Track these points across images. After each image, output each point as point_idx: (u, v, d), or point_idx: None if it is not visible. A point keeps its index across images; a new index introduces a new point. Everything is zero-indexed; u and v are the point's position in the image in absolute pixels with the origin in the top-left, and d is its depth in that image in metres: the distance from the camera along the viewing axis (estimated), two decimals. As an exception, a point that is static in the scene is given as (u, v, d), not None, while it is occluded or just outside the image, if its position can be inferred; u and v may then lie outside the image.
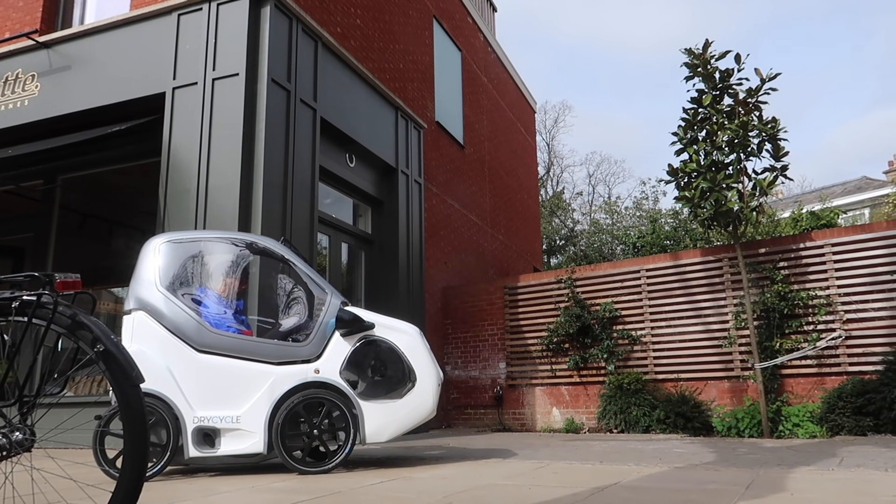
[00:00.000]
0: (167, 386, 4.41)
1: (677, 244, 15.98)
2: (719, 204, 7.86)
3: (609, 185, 41.36)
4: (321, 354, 4.49)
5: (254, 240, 4.87)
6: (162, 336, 4.51)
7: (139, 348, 4.49)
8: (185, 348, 4.48)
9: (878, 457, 4.70)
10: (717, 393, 8.46)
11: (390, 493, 3.39)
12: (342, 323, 4.51)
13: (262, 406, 4.38)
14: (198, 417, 4.38)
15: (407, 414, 4.47)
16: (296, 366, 4.47)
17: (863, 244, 7.94)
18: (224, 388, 4.43)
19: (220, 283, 4.79)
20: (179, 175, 6.73)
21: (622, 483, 3.57)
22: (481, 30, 14.55)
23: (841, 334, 7.78)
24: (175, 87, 6.98)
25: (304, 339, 4.57)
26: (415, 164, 9.99)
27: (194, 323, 4.51)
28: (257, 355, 4.49)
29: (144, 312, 4.57)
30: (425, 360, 4.54)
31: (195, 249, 4.84)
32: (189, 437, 4.36)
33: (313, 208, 7.32)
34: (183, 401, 4.40)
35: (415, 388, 4.47)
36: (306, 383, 4.43)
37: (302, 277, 4.73)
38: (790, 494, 3.12)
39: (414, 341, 4.57)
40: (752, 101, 7.95)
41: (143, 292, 4.63)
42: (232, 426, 4.38)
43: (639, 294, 9.23)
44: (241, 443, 4.37)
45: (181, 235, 4.92)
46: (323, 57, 7.83)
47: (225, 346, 4.50)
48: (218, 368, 4.46)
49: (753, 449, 5.66)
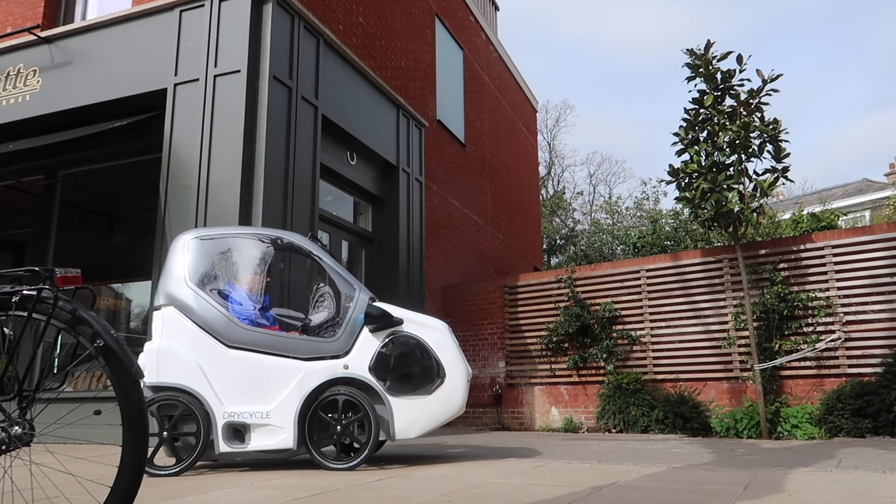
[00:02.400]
0: (197, 381, 4.43)
1: (678, 245, 15.97)
2: (720, 205, 7.86)
3: (610, 184, 41.37)
4: (350, 350, 4.48)
5: (282, 235, 4.84)
6: (191, 331, 4.52)
7: (169, 344, 4.51)
8: (215, 343, 4.49)
9: (877, 458, 4.70)
10: (715, 393, 8.46)
11: (388, 492, 3.40)
12: (371, 319, 4.49)
13: (291, 402, 4.37)
14: (228, 413, 4.39)
15: (436, 410, 4.45)
16: (325, 361, 4.46)
17: (863, 246, 7.94)
18: (253, 384, 4.43)
19: (248, 278, 4.76)
20: (180, 171, 6.73)
21: (620, 483, 3.58)
22: (483, 28, 14.54)
23: (840, 336, 7.79)
24: (176, 84, 6.97)
25: (333, 335, 4.55)
26: (416, 163, 9.98)
27: (223, 318, 4.52)
28: (287, 351, 4.49)
29: (174, 308, 4.59)
30: (454, 355, 4.52)
31: (224, 245, 4.83)
32: (219, 432, 4.37)
33: (314, 206, 7.32)
34: (213, 396, 4.41)
35: (444, 384, 4.45)
36: (335, 379, 4.43)
37: (330, 273, 4.70)
38: (788, 495, 3.12)
39: (442, 337, 4.55)
40: (753, 102, 7.95)
41: (173, 288, 4.65)
42: (262, 422, 4.38)
43: (638, 294, 9.23)
44: (270, 438, 4.37)
45: (210, 231, 4.92)
46: (325, 54, 7.83)
47: (254, 342, 4.49)
48: (247, 364, 4.46)
49: (752, 450, 5.66)
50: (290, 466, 4.63)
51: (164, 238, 6.62)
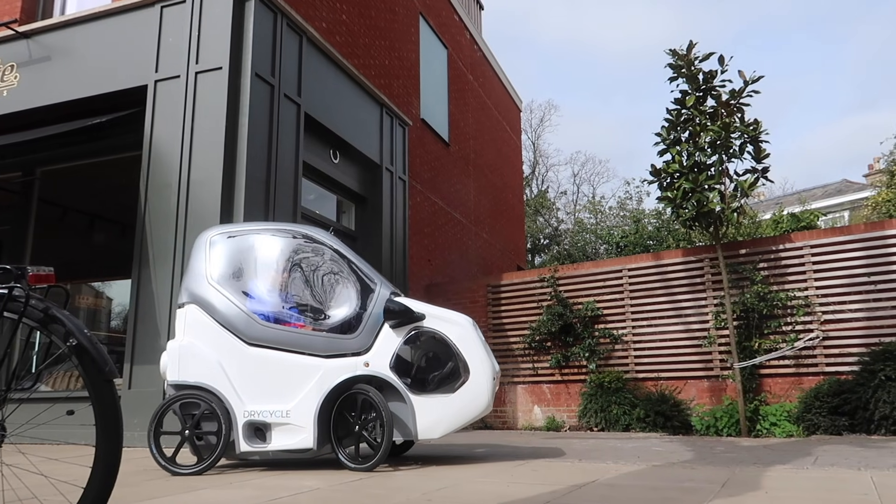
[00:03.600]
0: (218, 379, 4.38)
1: (660, 244, 16.09)
2: (701, 205, 7.92)
3: (593, 184, 41.55)
4: (371, 347, 4.39)
5: (303, 230, 4.76)
6: (213, 329, 4.48)
7: (191, 342, 4.47)
8: (236, 341, 4.44)
9: (852, 456, 4.76)
10: (696, 392, 8.53)
11: (369, 490, 3.39)
12: (391, 314, 4.38)
13: (311, 400, 4.29)
14: (248, 412, 4.33)
15: (460, 409, 4.30)
16: (345, 359, 4.38)
17: (841, 246, 8.04)
18: (274, 382, 4.36)
19: (269, 274, 4.66)
20: (161, 169, 6.67)
21: (600, 481, 3.60)
22: (468, 28, 14.55)
23: (818, 335, 7.88)
24: (157, 80, 6.91)
25: (354, 332, 4.43)
26: (399, 162, 9.97)
27: (244, 315, 4.46)
28: (306, 348, 4.41)
29: (196, 306, 4.55)
30: (479, 352, 4.36)
31: (245, 242, 4.75)
32: (240, 431, 4.31)
33: (296, 204, 7.29)
34: (234, 395, 4.35)
35: (468, 382, 4.29)
36: (356, 377, 4.33)
37: (351, 268, 4.59)
38: (765, 493, 3.15)
39: (466, 332, 4.39)
40: (734, 102, 8.02)
41: (195, 286, 4.61)
42: (282, 420, 4.31)
43: (620, 293, 9.28)
44: (291, 438, 4.30)
45: (232, 228, 4.86)
46: (308, 52, 7.79)
47: (274, 339, 4.43)
48: (267, 362, 4.40)
49: (731, 448, 5.72)
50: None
51: (144, 236, 6.56)
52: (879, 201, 15.99)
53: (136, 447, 5.93)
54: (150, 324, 6.31)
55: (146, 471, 4.33)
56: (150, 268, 6.45)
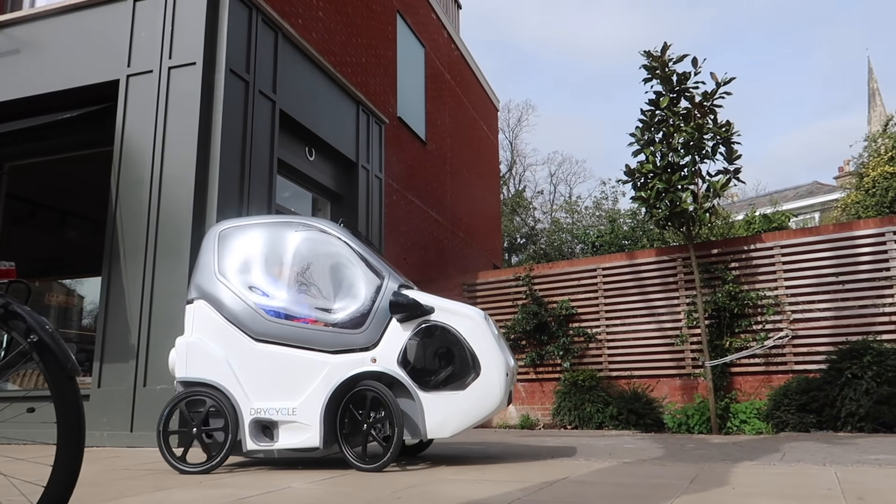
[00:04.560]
0: (225, 376, 4.29)
1: (635, 244, 16.23)
2: (674, 205, 8.02)
3: (570, 184, 41.80)
4: (378, 342, 4.23)
5: (311, 223, 4.63)
6: (220, 325, 4.39)
7: (199, 338, 4.40)
8: (243, 337, 4.35)
9: (819, 452, 4.86)
10: (668, 390, 8.63)
11: (339, 489, 3.38)
12: (397, 307, 4.20)
13: (317, 398, 4.17)
14: (254, 409, 4.23)
15: (471, 406, 4.10)
16: (352, 354, 4.23)
17: (810, 246, 8.19)
18: (280, 379, 4.26)
19: (276, 268, 4.56)
20: (133, 165, 6.58)
21: (571, 478, 3.62)
22: (445, 27, 14.55)
23: (787, 334, 8.02)
24: (129, 75, 6.81)
25: (361, 326, 4.27)
26: (375, 160, 9.94)
27: (250, 311, 4.37)
28: (312, 343, 4.28)
29: (204, 301, 4.47)
30: (491, 346, 4.16)
31: (253, 235, 4.64)
32: (246, 429, 4.21)
33: (271, 201, 7.23)
34: (241, 392, 4.25)
35: (479, 378, 4.09)
36: (363, 373, 4.18)
37: (360, 260, 4.43)
38: (732, 488, 3.20)
39: (477, 326, 4.19)
40: (707, 104, 8.13)
41: (203, 281, 4.53)
42: (288, 418, 4.19)
43: (595, 292, 9.36)
44: (297, 436, 4.19)
45: (239, 221, 4.76)
46: (283, 48, 7.74)
47: (280, 335, 4.32)
48: (273, 358, 4.29)
49: (701, 445, 5.80)
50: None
51: (115, 232, 6.47)
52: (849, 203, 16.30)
53: (105, 447, 5.85)
54: (120, 321, 6.22)
55: (114, 470, 4.27)
56: (121, 265, 6.36)
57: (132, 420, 5.90)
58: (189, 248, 6.12)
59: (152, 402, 5.87)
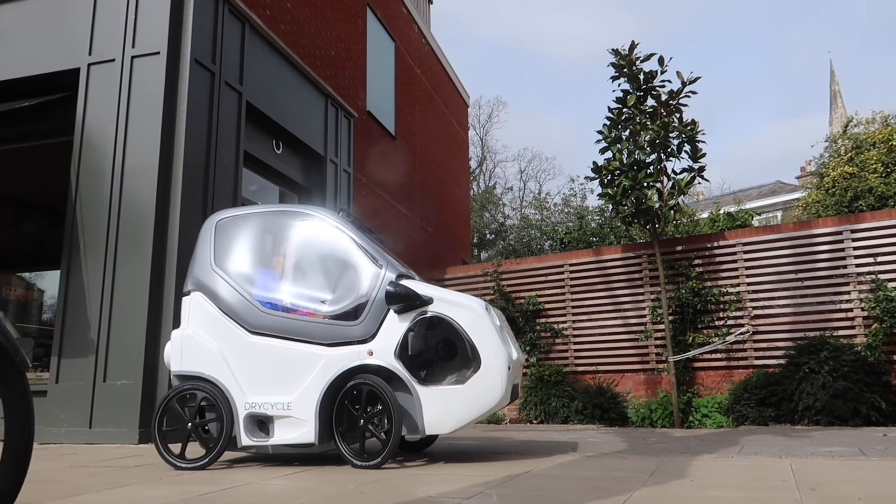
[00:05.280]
0: (220, 369, 4.19)
1: (603, 241, 16.40)
2: (640, 202, 8.12)
3: (540, 181, 42.03)
4: (375, 334, 4.06)
5: (309, 211, 4.50)
6: (216, 317, 4.29)
7: (194, 331, 4.30)
8: (238, 330, 4.24)
9: (776, 445, 4.97)
10: (633, 385, 8.75)
11: (302, 484, 3.36)
12: (393, 298, 4.03)
13: (312, 392, 4.03)
14: (249, 403, 4.11)
15: (471, 401, 3.92)
16: (348, 347, 4.07)
17: (771, 244, 8.36)
18: (275, 373, 4.13)
19: (272, 258, 4.44)
20: (93, 155, 6.44)
21: (534, 471, 3.65)
22: (416, 21, 14.50)
23: (748, 329, 8.19)
24: (91, 64, 6.65)
25: (357, 318, 4.11)
26: (344, 153, 9.88)
27: (246, 303, 4.26)
28: (307, 336, 4.14)
29: (200, 293, 4.37)
30: (492, 338, 3.97)
31: (249, 224, 4.54)
32: (241, 424, 4.10)
33: (237, 194, 7.14)
34: (236, 385, 4.15)
35: (480, 372, 3.91)
36: (359, 367, 4.03)
37: (357, 249, 4.27)
38: (690, 480, 3.26)
39: (477, 317, 4.01)
40: (673, 102, 8.24)
41: (199, 272, 4.43)
42: (283, 413, 4.07)
43: (562, 288, 9.44)
44: (292, 431, 4.05)
45: (237, 211, 4.65)
46: (251, 40, 7.63)
47: (274, 327, 4.19)
48: (269, 351, 4.17)
49: (663, 438, 5.89)
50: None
51: (75, 224, 6.33)
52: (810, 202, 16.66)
53: (62, 443, 5.73)
54: (80, 315, 6.09)
55: (71, 467, 4.19)
56: (81, 257, 6.22)
57: (91, 416, 5.79)
58: (151, 242, 6.02)
59: (113, 397, 5.76)
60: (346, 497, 2.94)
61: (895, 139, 14.51)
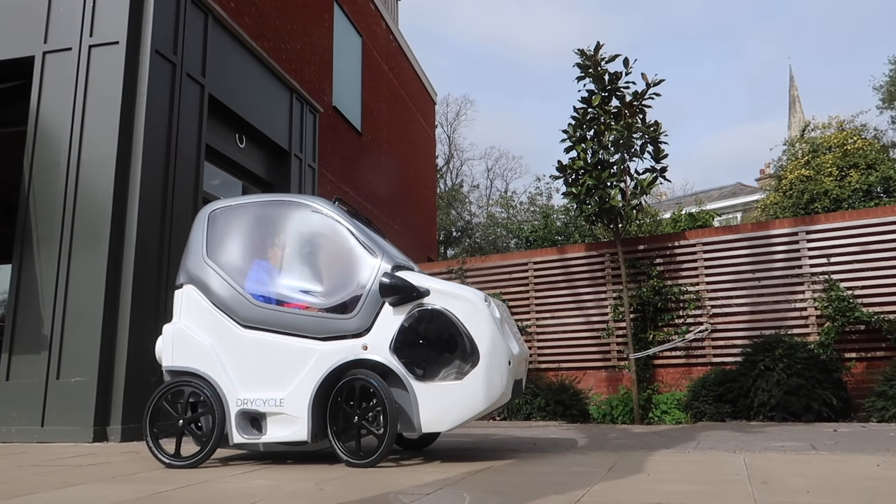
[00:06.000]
0: (211, 364, 4.07)
1: (567, 239, 16.53)
2: (603, 201, 8.20)
3: (506, 179, 42.29)
4: (370, 328, 3.91)
5: (304, 201, 4.37)
6: (208, 311, 4.17)
7: (186, 324, 4.18)
8: (230, 323, 4.12)
9: (731, 440, 5.07)
10: (594, 382, 8.85)
11: (260, 481, 3.32)
12: (387, 290, 3.86)
13: (305, 388, 3.89)
14: (241, 400, 3.98)
15: (470, 398, 3.74)
16: (342, 341, 3.92)
17: (730, 244, 8.53)
18: (267, 368, 4.00)
19: (265, 249, 4.31)
20: (48, 147, 6.26)
21: (493, 467, 3.67)
22: (384, 17, 14.43)
23: (707, 327, 8.35)
24: (46, 52, 6.47)
25: (352, 311, 3.95)
26: (309, 149, 9.78)
27: (238, 296, 4.13)
28: (300, 330, 4.00)
29: (193, 286, 4.25)
30: (491, 332, 3.80)
31: (243, 215, 4.42)
32: (233, 420, 3.98)
33: (198, 189, 7.02)
34: (227, 382, 4.03)
35: (478, 367, 3.74)
36: (353, 362, 3.89)
37: (352, 240, 4.12)
38: (647, 475, 3.31)
39: (475, 309, 3.84)
40: (637, 104, 8.33)
41: (191, 264, 4.31)
42: (276, 410, 3.93)
43: (526, 286, 9.50)
44: (285, 429, 3.92)
45: (231, 201, 4.53)
46: (213, 31, 7.51)
47: (267, 320, 4.06)
48: (260, 345, 4.04)
49: (623, 434, 5.97)
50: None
51: (28, 217, 6.15)
52: (768, 203, 17.05)
53: (12, 442, 5.57)
54: (32, 311, 5.93)
55: (20, 467, 4.08)
56: (34, 251, 6.05)
57: (43, 414, 5.64)
58: (108, 236, 5.88)
59: (66, 395, 5.62)
60: (305, 494, 2.92)
61: (849, 144, 14.94)
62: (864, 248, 7.87)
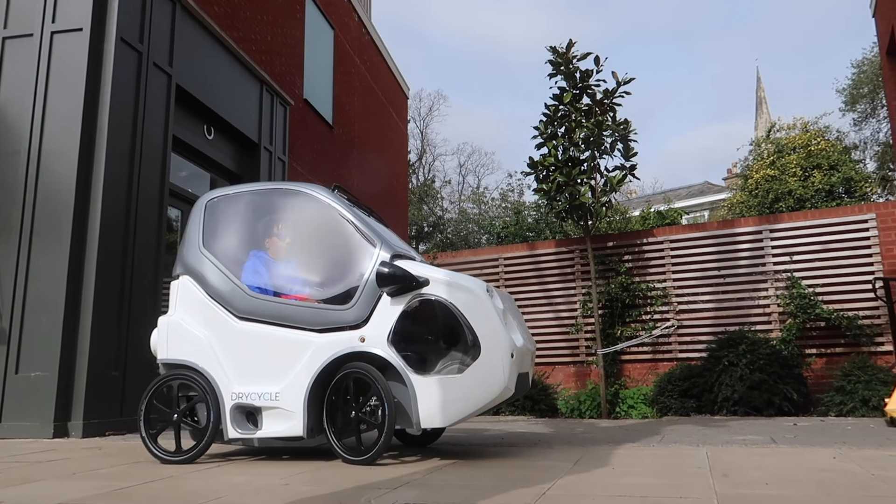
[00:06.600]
0: (207, 358, 3.97)
1: (538, 235, 16.64)
2: (573, 198, 8.26)
3: (478, 175, 42.39)
4: (368, 319, 3.77)
5: (301, 189, 4.24)
6: (203, 302, 4.08)
7: (181, 316, 4.09)
8: (225, 315, 4.02)
9: (695, 434, 5.16)
10: (563, 377, 8.94)
11: (226, 477, 3.29)
12: (384, 279, 3.71)
13: (300, 382, 3.78)
14: (236, 394, 3.89)
15: (470, 392, 3.60)
16: (339, 333, 3.79)
17: (696, 241, 8.67)
18: (263, 361, 3.90)
19: (262, 239, 4.22)
20: (7, 135, 6.09)
21: (461, 462, 3.68)
22: (356, 10, 14.33)
23: (673, 324, 8.48)
24: (5, 38, 6.29)
25: (348, 301, 3.82)
26: (279, 141, 9.68)
27: (234, 286, 4.04)
28: (296, 321, 3.88)
29: (189, 277, 4.16)
30: (493, 323, 3.64)
31: (239, 204, 4.31)
32: (228, 415, 3.88)
33: (164, 180, 6.90)
34: (223, 375, 3.94)
35: (479, 360, 3.58)
36: (350, 354, 3.75)
37: (350, 228, 3.99)
38: (612, 468, 3.36)
39: (476, 300, 3.67)
40: (607, 101, 8.40)
41: (188, 255, 4.21)
42: (271, 404, 3.82)
43: (496, 281, 9.53)
44: (281, 424, 3.81)
45: (226, 191, 4.42)
46: (181, 20, 7.37)
47: (262, 312, 3.95)
48: (256, 337, 3.94)
49: (590, 429, 6.03)
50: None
51: (-13, 208, 5.98)
52: (735, 202, 17.37)
53: (-30, 438, 5.42)
54: (-10, 304, 5.77)
55: (-22, 462, 3.97)
56: (-7, 242, 5.89)
57: (1, 410, 5.50)
58: (70, 228, 5.75)
59: (25, 390, 5.50)
60: (270, 490, 2.89)
61: (813, 145, 15.26)
62: (825, 247, 8.06)
